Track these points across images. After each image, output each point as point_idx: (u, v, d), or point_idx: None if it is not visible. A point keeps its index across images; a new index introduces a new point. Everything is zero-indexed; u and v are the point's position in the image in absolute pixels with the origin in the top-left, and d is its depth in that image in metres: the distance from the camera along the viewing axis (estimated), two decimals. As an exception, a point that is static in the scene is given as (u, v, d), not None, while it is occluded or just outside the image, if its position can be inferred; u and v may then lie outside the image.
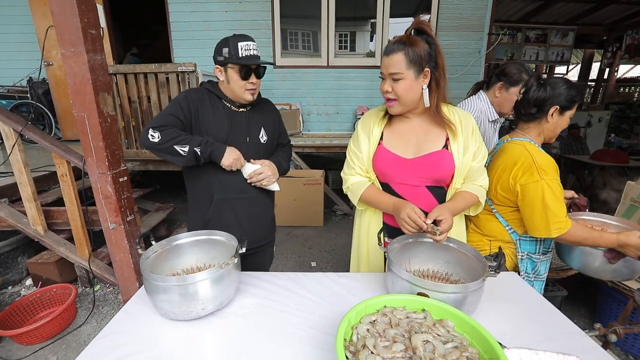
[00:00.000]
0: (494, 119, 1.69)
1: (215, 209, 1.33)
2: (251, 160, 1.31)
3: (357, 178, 1.23)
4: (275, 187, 1.38)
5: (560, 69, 9.47)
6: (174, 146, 1.18)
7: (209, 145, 1.21)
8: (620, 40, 7.00)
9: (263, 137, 1.37)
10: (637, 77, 10.52)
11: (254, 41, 1.26)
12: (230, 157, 1.24)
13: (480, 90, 1.73)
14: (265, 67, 1.30)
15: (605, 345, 1.21)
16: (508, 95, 1.61)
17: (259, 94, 1.40)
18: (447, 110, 1.13)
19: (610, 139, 7.03)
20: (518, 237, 1.30)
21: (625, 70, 10.90)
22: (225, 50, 1.22)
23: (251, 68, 1.25)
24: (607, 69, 8.09)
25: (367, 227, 1.27)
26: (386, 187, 1.18)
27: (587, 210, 1.44)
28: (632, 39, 6.74)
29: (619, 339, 1.18)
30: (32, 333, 1.93)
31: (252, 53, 1.23)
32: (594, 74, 8.84)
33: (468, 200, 1.14)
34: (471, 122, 1.13)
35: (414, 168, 1.12)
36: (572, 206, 1.46)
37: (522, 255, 1.31)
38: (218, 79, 1.32)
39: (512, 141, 1.30)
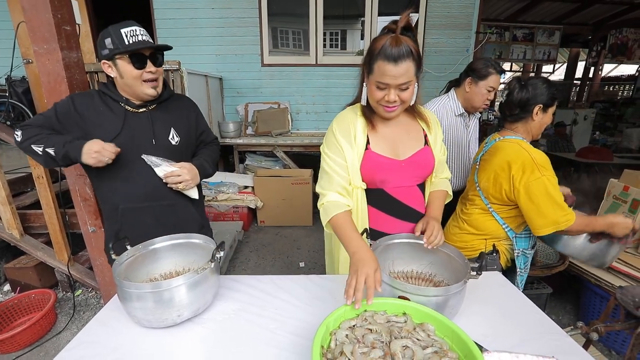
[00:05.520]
0: (459, 112, 1.80)
1: (123, 219, 1.23)
2: (169, 162, 1.20)
3: (335, 197, 1.07)
4: (193, 193, 1.29)
5: (547, 68, 9.61)
6: (31, 145, 1.09)
7: (65, 145, 1.07)
8: (605, 39, 7.15)
9: (174, 138, 1.25)
10: (621, 75, 10.74)
11: (140, 26, 1.11)
12: (91, 152, 1.05)
13: (452, 88, 1.85)
14: (162, 54, 1.15)
15: (587, 342, 1.22)
16: (477, 89, 1.71)
17: (169, 89, 1.28)
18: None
19: (596, 136, 7.16)
20: (514, 234, 1.33)
21: (609, 69, 11.15)
22: (108, 41, 1.07)
23: (144, 55, 1.10)
24: (592, 68, 8.26)
25: None
26: (380, 193, 1.11)
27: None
28: (615, 39, 6.90)
29: (600, 337, 1.18)
30: (9, 341, 1.86)
31: (140, 38, 1.08)
32: (579, 72, 9.00)
33: (442, 198, 1.18)
34: (434, 115, 1.19)
35: (408, 168, 1.10)
36: None
37: (517, 252, 1.34)
38: (108, 78, 1.16)
39: (505, 140, 1.32)
